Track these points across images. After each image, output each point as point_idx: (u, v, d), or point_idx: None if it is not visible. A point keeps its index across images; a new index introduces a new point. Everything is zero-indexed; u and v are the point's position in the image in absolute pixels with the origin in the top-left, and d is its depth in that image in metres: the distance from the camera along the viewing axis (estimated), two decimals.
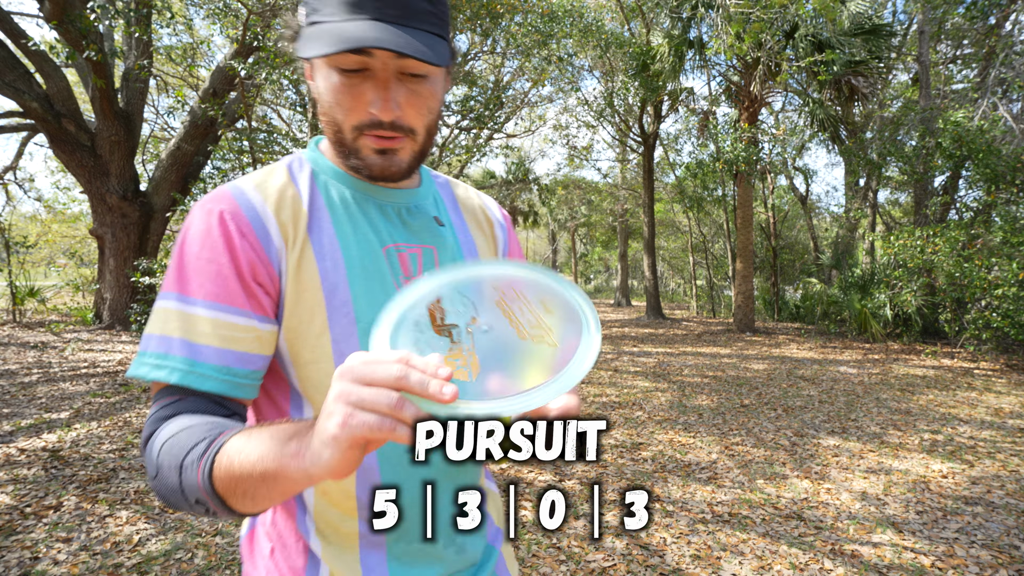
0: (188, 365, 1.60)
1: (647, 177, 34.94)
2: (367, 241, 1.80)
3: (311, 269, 1.72)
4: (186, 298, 1.63)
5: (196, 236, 1.67)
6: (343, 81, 1.69)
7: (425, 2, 1.68)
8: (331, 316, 1.72)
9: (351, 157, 1.79)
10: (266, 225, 1.71)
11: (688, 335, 27.96)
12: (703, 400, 14.17)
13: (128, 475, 8.28)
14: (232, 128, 21.23)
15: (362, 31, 1.60)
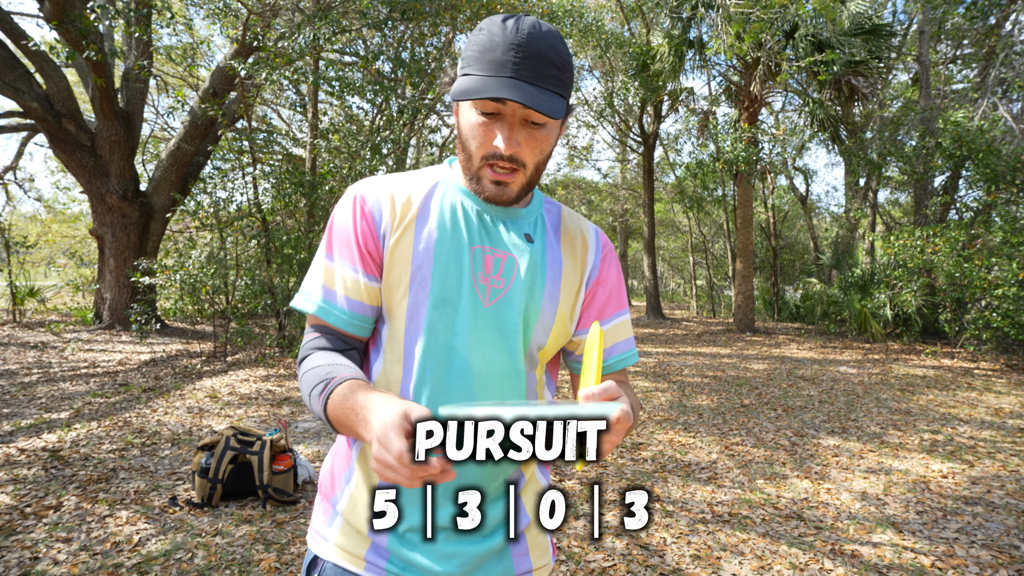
0: (323, 304, 2.32)
1: (647, 177, 34.95)
2: (459, 239, 2.33)
3: (406, 248, 2.31)
4: (329, 256, 2.35)
5: (340, 211, 2.37)
6: (480, 121, 2.21)
7: (553, 68, 2.17)
8: (411, 285, 2.29)
9: (473, 181, 2.32)
10: (381, 208, 2.34)
11: (688, 335, 27.98)
12: (703, 400, 14.17)
13: (128, 475, 8.29)
14: (232, 128, 21.27)
15: (502, 86, 2.11)
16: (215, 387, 13.93)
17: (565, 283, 2.43)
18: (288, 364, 16.90)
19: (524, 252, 2.38)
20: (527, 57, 2.13)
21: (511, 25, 2.16)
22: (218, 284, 17.28)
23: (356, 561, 2.33)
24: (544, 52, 2.15)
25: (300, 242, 17.85)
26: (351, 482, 2.39)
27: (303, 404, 10.87)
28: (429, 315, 2.27)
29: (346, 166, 19.54)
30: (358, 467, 2.38)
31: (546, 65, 2.15)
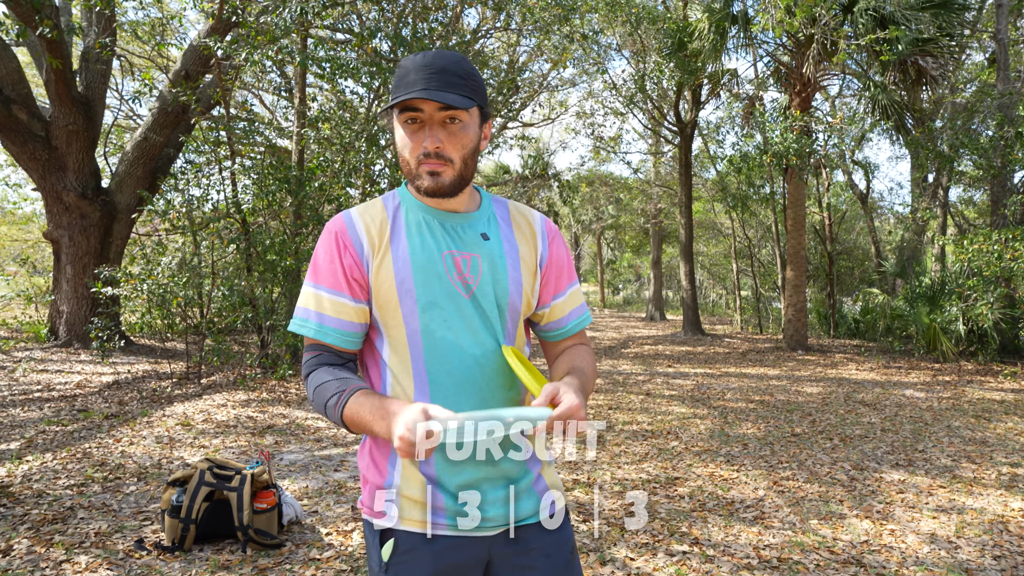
0: (318, 327, 3.04)
1: (684, 172, 34.98)
2: (430, 248, 3.08)
3: (388, 267, 3.03)
4: (318, 285, 3.06)
5: (323, 246, 3.09)
6: (407, 130, 2.99)
7: (458, 78, 2.94)
8: (400, 297, 3.02)
9: (414, 180, 3.06)
10: (361, 240, 3.07)
11: (731, 354, 27.96)
12: (748, 428, 14.17)
13: (88, 515, 8.30)
14: (207, 116, 21.30)
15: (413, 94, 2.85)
16: (188, 413, 13.94)
17: (524, 266, 3.27)
18: (272, 387, 16.87)
19: (484, 249, 3.19)
20: (433, 72, 2.91)
21: (420, 55, 2.98)
22: (191, 295, 17.31)
23: (421, 525, 3.11)
24: (448, 66, 2.94)
25: (285, 247, 17.86)
26: (397, 463, 3.14)
27: (288, 433, 10.87)
28: (422, 318, 3.02)
29: (338, 159, 19.55)
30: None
31: (450, 76, 2.93)
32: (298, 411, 14.62)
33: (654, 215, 50.57)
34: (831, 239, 38.28)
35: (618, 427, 14.13)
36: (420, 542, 3.10)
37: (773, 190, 37.74)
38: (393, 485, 3.15)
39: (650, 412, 15.75)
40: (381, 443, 3.20)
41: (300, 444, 12.01)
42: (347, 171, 19.05)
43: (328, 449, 11.72)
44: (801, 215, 27.10)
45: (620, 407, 16.35)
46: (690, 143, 35.20)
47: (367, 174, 19.80)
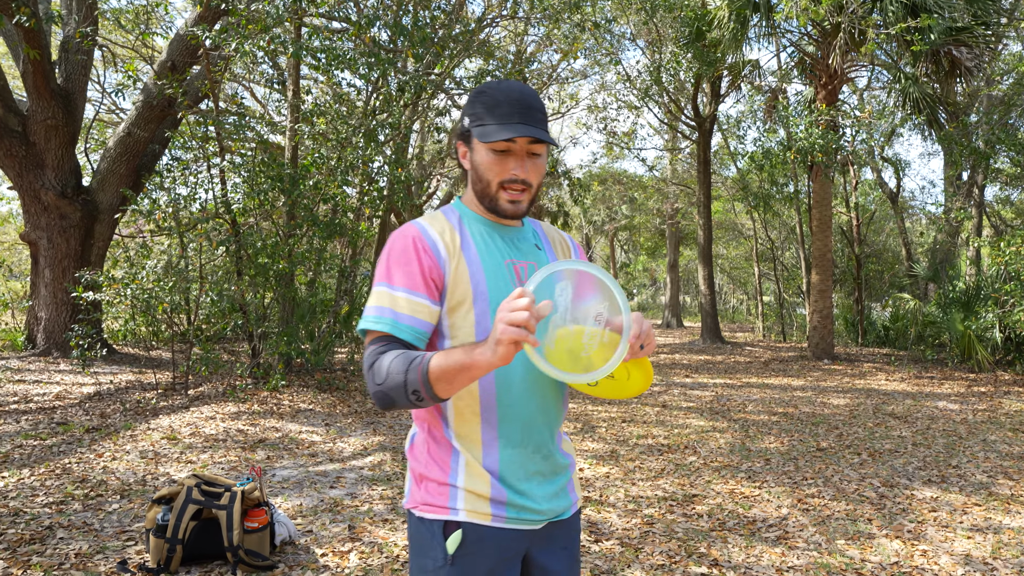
0: (393, 323, 3.22)
1: (702, 169, 35.00)
2: (495, 257, 3.45)
3: (464, 271, 3.34)
4: (393, 286, 3.28)
5: (397, 250, 3.34)
6: (495, 157, 3.36)
7: (540, 114, 3.37)
8: (475, 300, 3.32)
9: (492, 203, 3.45)
10: (437, 244, 3.37)
11: (753, 363, 27.96)
12: (771, 442, 14.19)
13: (68, 534, 8.30)
14: (195, 110, 21.28)
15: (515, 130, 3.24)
16: (174, 426, 13.94)
17: None
18: (264, 398, 16.88)
19: (539, 258, 3.62)
20: (526, 107, 3.33)
21: (507, 86, 3.39)
22: (178, 300, 17.30)
23: (484, 516, 3.37)
24: (533, 103, 3.36)
25: (278, 249, 17.85)
26: (460, 460, 3.41)
27: (280, 448, 10.88)
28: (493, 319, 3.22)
29: (334, 156, 19.54)
30: (460, 446, 3.42)
31: (536, 112, 3.36)
32: (291, 424, 14.63)
33: (671, 215, 50.59)
34: (859, 241, 38.24)
35: (632, 441, 14.13)
36: (486, 534, 3.39)
37: (797, 189, 37.75)
38: (458, 481, 3.41)
39: (666, 425, 15.76)
40: (440, 439, 3.47)
41: (294, 459, 12.01)
42: (344, 168, 19.04)
43: (323, 465, 11.73)
44: (827, 215, 27.09)
45: (634, 420, 16.35)
46: (709, 139, 35.23)
47: (365, 172, 19.79)
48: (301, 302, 19.40)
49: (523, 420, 3.44)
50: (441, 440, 3.48)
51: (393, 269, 3.36)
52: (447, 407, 3.41)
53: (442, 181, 44.21)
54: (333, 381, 19.28)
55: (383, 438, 13.85)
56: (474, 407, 3.40)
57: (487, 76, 22.23)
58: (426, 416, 3.50)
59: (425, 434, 3.55)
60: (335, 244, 25.00)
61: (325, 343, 19.82)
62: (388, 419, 15.70)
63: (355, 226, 20.10)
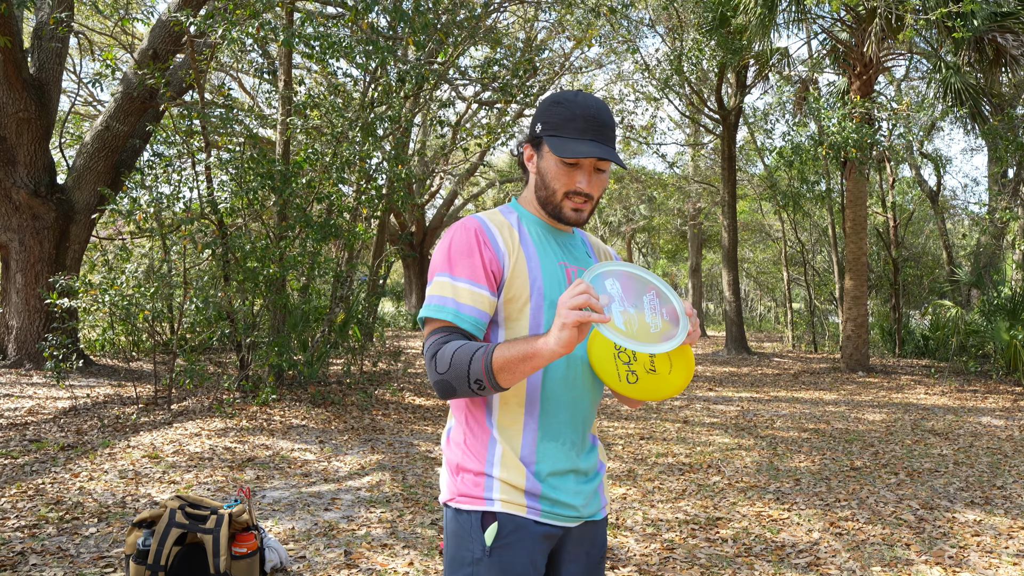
0: (456, 313, 3.47)
1: (727, 166, 35.00)
2: (551, 257, 3.75)
3: (523, 266, 3.63)
4: (455, 277, 3.54)
5: (460, 241, 3.60)
6: (564, 169, 3.64)
7: (612, 132, 3.67)
8: (532, 294, 3.61)
9: (556, 211, 3.75)
10: (497, 238, 3.64)
11: (781, 375, 27.95)
12: (801, 461, 14.18)
13: (41, 560, 8.30)
14: (178, 102, 21.23)
15: (588, 148, 3.52)
16: (156, 444, 13.95)
17: None
18: (253, 414, 16.88)
19: (588, 264, 3.92)
20: (601, 125, 3.61)
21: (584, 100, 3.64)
22: (160, 308, 17.31)
23: (520, 508, 3.58)
24: (607, 121, 3.63)
25: (268, 253, 17.81)
26: (496, 450, 3.63)
27: (271, 467, 10.91)
28: (546, 314, 3.63)
29: (329, 152, 19.52)
30: (499, 436, 3.65)
31: (609, 130, 3.64)
32: (283, 441, 14.60)
33: (693, 216, 50.57)
34: (896, 243, 38.17)
35: (651, 460, 14.12)
36: (521, 525, 3.61)
37: (830, 187, 37.68)
38: (494, 471, 3.64)
39: (688, 443, 15.76)
40: (478, 429, 3.70)
41: (285, 479, 12.02)
42: (339, 165, 19.02)
43: (318, 485, 11.73)
44: (862, 216, 27.06)
45: (653, 437, 16.36)
46: (734, 133, 35.23)
47: (362, 169, 19.78)
48: (293, 309, 19.37)
49: (563, 414, 3.69)
50: (479, 430, 3.70)
51: (455, 260, 3.61)
52: (494, 395, 3.63)
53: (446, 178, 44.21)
54: (328, 395, 19.17)
55: (382, 456, 13.83)
56: (520, 397, 3.64)
57: (494, 65, 22.23)
58: (466, 405, 3.72)
59: (463, 425, 3.78)
60: (330, 247, 25.00)
61: (319, 354, 19.80)
62: (387, 436, 15.70)
63: (351, 227, 20.10)
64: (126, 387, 19.61)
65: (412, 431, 16.28)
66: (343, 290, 21.12)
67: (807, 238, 49.11)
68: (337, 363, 24.93)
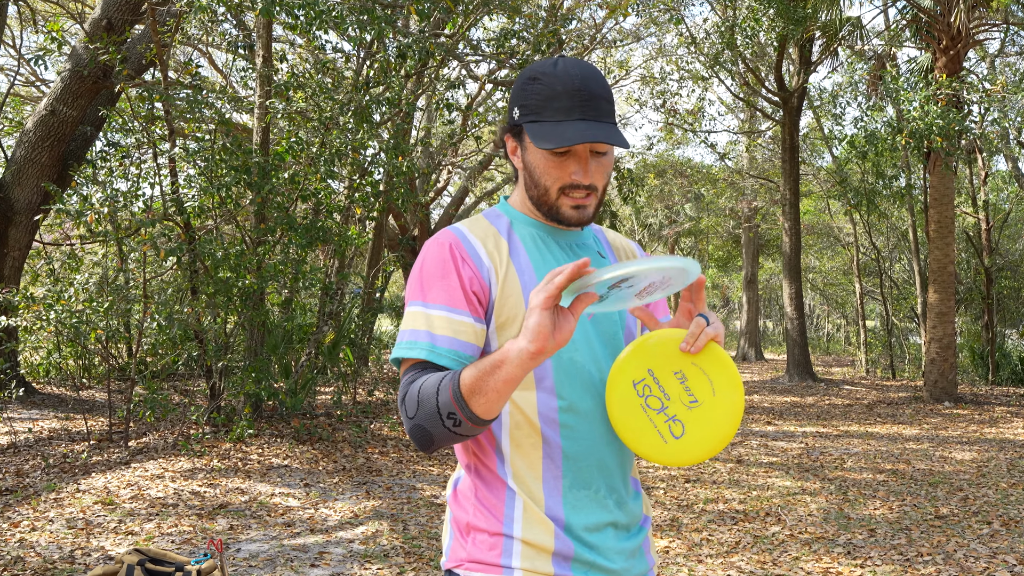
0: (430, 347, 3.26)
1: (789, 158, 35.05)
2: (551, 264, 3.52)
3: (514, 282, 3.42)
4: (427, 304, 3.35)
5: (433, 260, 3.42)
6: (553, 159, 3.42)
7: (607, 104, 3.42)
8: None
9: (552, 211, 3.54)
10: (479, 253, 3.45)
11: (853, 406, 27.95)
12: (876, 508, 14.14)
13: None
14: (137, 82, 21.29)
15: (578, 131, 3.28)
16: (111, 487, 13.97)
17: None
18: (226, 452, 16.90)
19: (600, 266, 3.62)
20: (588, 99, 3.36)
21: (564, 71, 3.41)
22: (115, 326, 17.31)
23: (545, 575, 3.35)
24: (598, 91, 3.40)
25: (244, 261, 17.78)
26: (517, 504, 3.41)
27: (247, 515, 10.97)
28: None
29: (316, 141, 19.51)
30: (517, 486, 3.42)
31: (602, 103, 3.41)
32: (261, 484, 14.63)
33: (748, 217, 50.64)
34: (989, 250, 38.13)
35: (698, 506, 14.14)
36: None
37: (910, 183, 37.65)
38: (514, 530, 3.40)
39: (742, 486, 15.77)
40: (492, 480, 3.48)
41: (264, 530, 12.04)
42: (328, 157, 18.99)
43: (303, 537, 11.76)
44: (949, 217, 27.05)
45: (701, 479, 16.36)
46: (797, 118, 35.29)
47: (355, 161, 19.79)
48: (273, 328, 19.37)
49: (593, 454, 3.47)
50: (493, 480, 3.49)
51: (428, 284, 3.41)
52: (501, 436, 3.43)
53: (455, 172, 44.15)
54: (315, 430, 19.07)
55: (379, 503, 13.85)
56: (534, 436, 3.43)
57: (512, 38, 22.20)
58: (474, 452, 3.52)
59: (472, 476, 3.57)
60: (317, 254, 25.06)
61: (304, 381, 19.81)
62: (385, 478, 15.72)
63: (343, 231, 20.09)
64: (75, 420, 19.66)
65: (414, 472, 16.32)
66: (333, 305, 21.13)
67: (883, 243, 48.95)
68: (326, 392, 24.99)
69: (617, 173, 28.00)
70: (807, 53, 34.82)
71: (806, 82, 35.09)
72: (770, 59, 36.59)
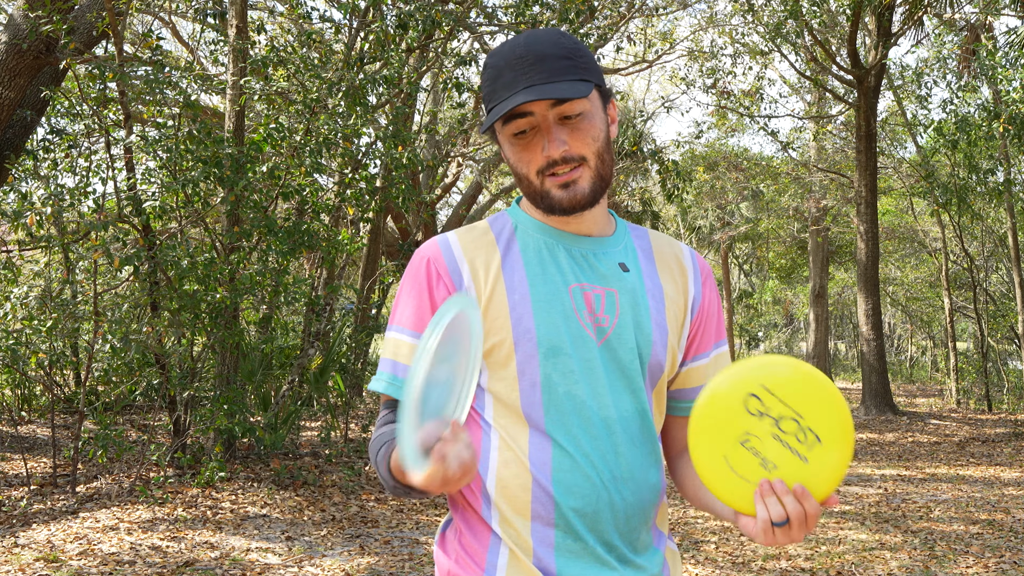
0: (391, 378, 3.46)
1: (865, 148, 35.06)
2: (553, 280, 3.50)
3: (501, 303, 3.44)
4: (396, 327, 3.52)
5: (408, 277, 3.57)
6: (519, 142, 3.46)
7: (563, 60, 3.39)
8: (516, 340, 3.40)
9: (542, 200, 3.52)
10: (460, 267, 3.51)
11: (941, 444, 27.95)
12: (970, 566, 14.08)
13: None
14: (87, 57, 21.29)
15: (517, 96, 3.30)
16: (55, 541, 13.96)
17: (670, 311, 3.69)
18: (192, 498, 16.83)
19: (622, 283, 3.60)
20: (532, 63, 3.37)
21: (508, 44, 3.49)
22: (61, 349, 17.28)
23: None
24: (548, 51, 3.39)
25: (214, 271, 17.73)
26: (502, 552, 3.43)
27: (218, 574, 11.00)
28: (543, 368, 3.40)
29: (300, 128, 19.47)
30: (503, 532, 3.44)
31: (553, 60, 3.38)
32: (235, 538, 14.62)
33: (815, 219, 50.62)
34: None
35: (757, 564, 14.12)
36: None
37: (1010, 178, 37.54)
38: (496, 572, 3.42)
39: (809, 540, 15.76)
40: (476, 524, 3.51)
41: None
42: (315, 147, 18.94)
43: None
44: None
45: None
46: (874, 101, 35.32)
47: (347, 152, 19.78)
48: (249, 351, 19.35)
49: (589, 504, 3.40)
50: (478, 525, 3.50)
51: (402, 304, 3.55)
52: (487, 477, 3.45)
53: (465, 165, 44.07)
54: (298, 472, 19.05)
55: (375, 560, 13.85)
56: (523, 477, 3.42)
57: (533, 5, 22.20)
58: (462, 493, 3.51)
59: (458, 518, 3.60)
60: (302, 263, 25.10)
61: (286, 415, 19.80)
62: (382, 530, 15.72)
63: (332, 234, 20.08)
64: (13, 461, 19.69)
65: (417, 523, 16.33)
66: (320, 324, 21.13)
67: (977, 250, 48.85)
68: (312, 427, 25.02)
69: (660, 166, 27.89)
70: (886, 23, 34.89)
71: (885, 57, 35.13)
72: (842, 30, 36.63)
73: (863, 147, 34.95)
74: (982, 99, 30.86)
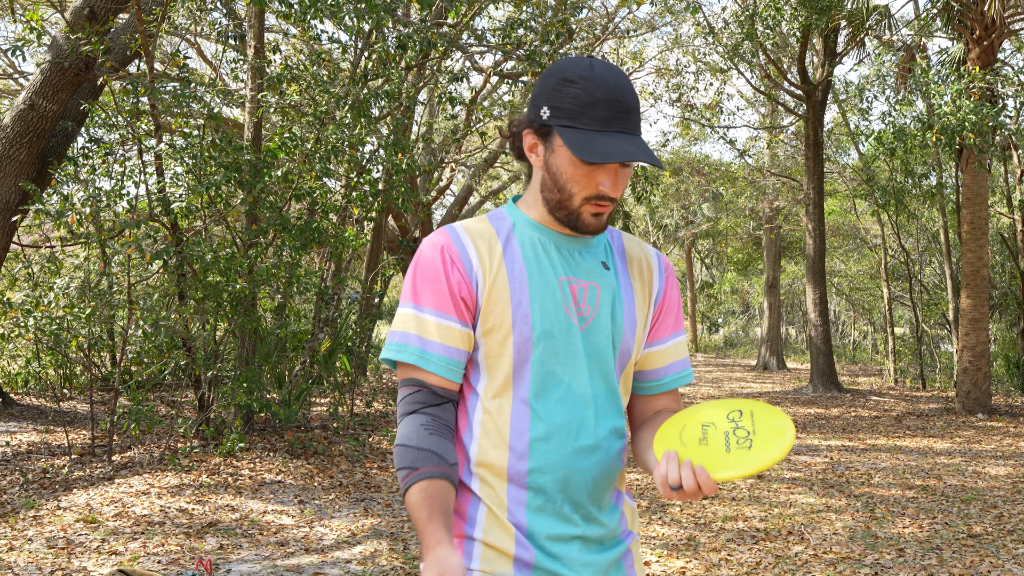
0: (420, 353, 3.51)
1: (812, 155, 35.04)
2: (547, 272, 3.66)
3: (503, 288, 3.58)
4: (416, 306, 3.58)
5: (425, 262, 3.62)
6: (584, 168, 3.51)
7: (638, 115, 3.54)
8: (515, 323, 3.55)
9: (575, 219, 3.64)
10: (470, 255, 3.62)
11: (881, 418, 27.94)
12: (906, 526, 14.13)
13: None
14: (122, 74, 21.26)
15: (618, 145, 3.40)
16: (93, 505, 13.95)
17: (639, 306, 3.89)
18: (215, 466, 16.89)
19: (603, 279, 3.78)
20: (625, 110, 3.47)
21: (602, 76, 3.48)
22: (98, 333, 17.25)
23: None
24: (632, 103, 3.51)
25: (234, 264, 17.75)
26: (480, 509, 3.60)
27: (239, 533, 10.97)
28: (535, 348, 3.57)
29: (311, 137, 19.47)
30: (482, 492, 3.61)
31: (636, 114, 3.52)
32: (253, 501, 14.64)
33: (769, 217, 50.58)
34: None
35: (716, 525, 14.12)
36: None
37: (942, 181, 37.60)
38: (476, 532, 3.61)
39: (763, 503, 15.78)
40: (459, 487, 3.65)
41: (256, 549, 12.01)
42: (324, 154, 18.94)
43: (297, 557, 11.73)
44: (982, 217, 27.02)
45: (719, 496, 16.34)
46: (821, 113, 35.28)
47: (352, 158, 19.77)
48: (266, 336, 19.31)
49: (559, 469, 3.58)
50: (461, 487, 3.66)
51: (420, 286, 3.61)
52: (470, 439, 3.64)
53: (458, 170, 44.14)
54: (309, 443, 19.07)
55: (378, 520, 13.86)
56: (499, 438, 3.61)
57: (519, 28, 22.20)
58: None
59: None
60: (312, 257, 25.05)
61: (298, 392, 19.75)
62: (384, 494, 15.67)
63: (339, 232, 20.06)
64: (55, 433, 19.62)
65: None
66: (328, 311, 21.10)
67: (913, 246, 48.88)
68: (321, 403, 24.94)
69: None
70: (832, 44, 34.82)
71: (831, 75, 35.10)
72: (792, 50, 36.58)
73: (811, 154, 34.89)
74: (917, 112, 30.83)
